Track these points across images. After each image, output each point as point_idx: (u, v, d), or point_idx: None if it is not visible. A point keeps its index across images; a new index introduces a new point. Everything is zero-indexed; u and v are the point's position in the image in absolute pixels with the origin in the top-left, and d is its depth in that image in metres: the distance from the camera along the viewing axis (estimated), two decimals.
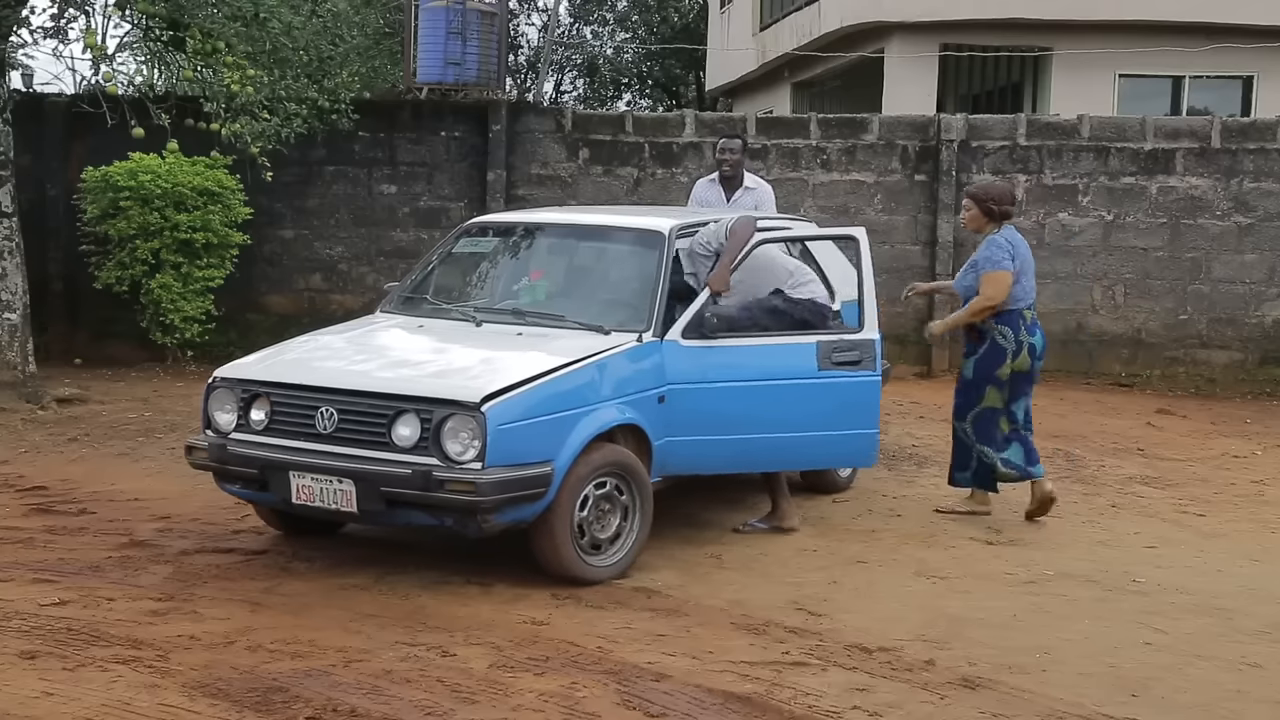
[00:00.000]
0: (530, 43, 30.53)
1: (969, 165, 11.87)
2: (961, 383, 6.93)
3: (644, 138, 12.09)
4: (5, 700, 4.15)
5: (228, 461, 5.55)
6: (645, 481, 5.71)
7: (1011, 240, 6.78)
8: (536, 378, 5.36)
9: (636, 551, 5.70)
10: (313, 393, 5.45)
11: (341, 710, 4.17)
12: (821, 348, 6.12)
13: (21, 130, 9.93)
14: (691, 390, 5.91)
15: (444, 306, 6.44)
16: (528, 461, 5.24)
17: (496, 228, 7.06)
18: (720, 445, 6.04)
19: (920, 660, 4.78)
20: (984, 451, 6.83)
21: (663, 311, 5.96)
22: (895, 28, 16.78)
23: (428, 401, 5.22)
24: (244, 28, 9.85)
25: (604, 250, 6.66)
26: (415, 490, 5.15)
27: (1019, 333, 6.75)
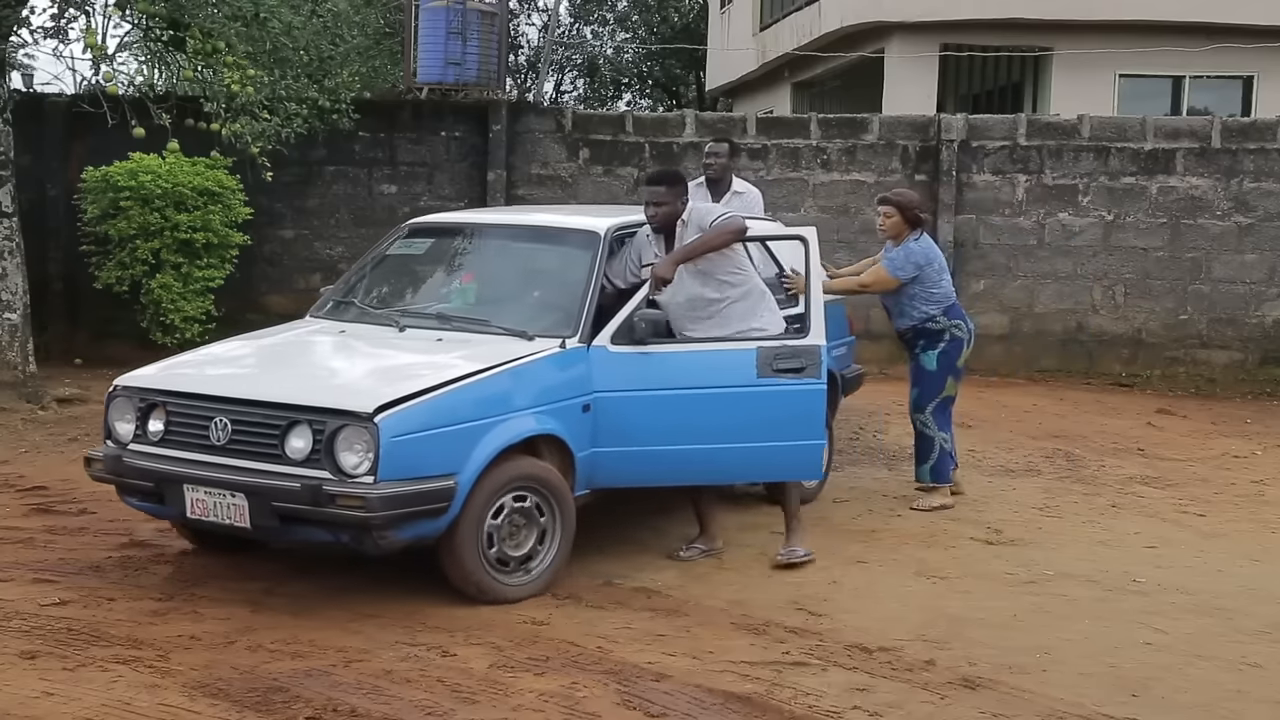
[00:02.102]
0: (530, 43, 30.55)
1: (969, 165, 11.87)
2: (922, 376, 7.07)
3: (644, 138, 12.09)
4: (6, 700, 4.15)
5: (124, 474, 5.32)
6: (565, 496, 5.43)
7: (926, 254, 6.99)
8: (439, 387, 5.10)
9: (556, 569, 5.42)
10: (207, 402, 5.21)
11: (342, 710, 4.17)
12: (761, 354, 5.74)
13: (22, 130, 9.93)
14: (620, 399, 5.62)
15: (370, 311, 6.18)
16: (427, 475, 4.97)
17: (434, 229, 6.81)
18: (652, 457, 5.71)
19: (920, 660, 4.78)
20: (944, 439, 7.05)
21: (591, 316, 5.68)
22: (895, 28, 16.78)
23: (320, 412, 4.97)
24: (244, 28, 9.84)
25: (538, 252, 6.40)
26: (305, 505, 4.89)
27: (968, 322, 7.13)
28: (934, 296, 7.01)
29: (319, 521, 4.96)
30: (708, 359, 5.77)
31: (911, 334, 7.08)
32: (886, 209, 7.09)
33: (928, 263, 6.98)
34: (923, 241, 7.05)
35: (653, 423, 5.66)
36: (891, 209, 7.07)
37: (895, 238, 7.07)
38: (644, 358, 5.68)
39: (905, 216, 7.03)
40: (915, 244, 7.01)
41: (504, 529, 5.26)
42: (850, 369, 7.63)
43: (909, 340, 7.13)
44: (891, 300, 7.12)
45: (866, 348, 11.07)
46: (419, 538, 5.07)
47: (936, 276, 7.02)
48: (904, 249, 7.01)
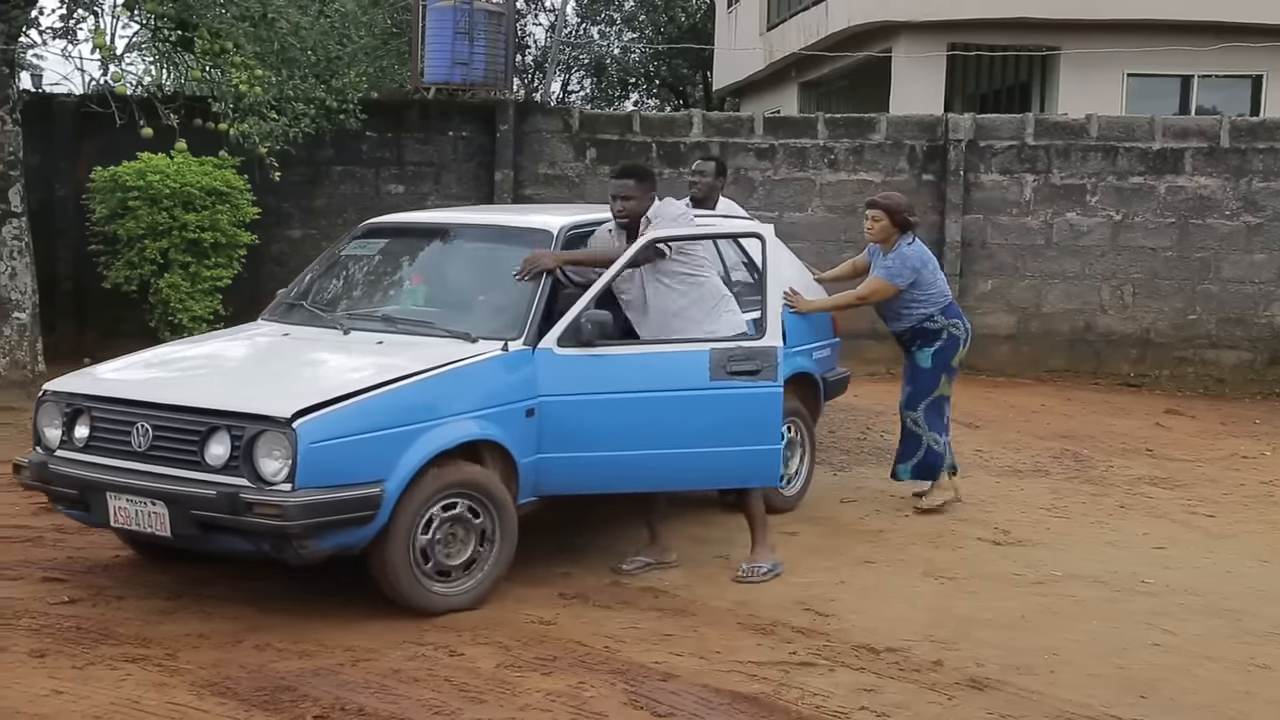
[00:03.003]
0: (537, 42, 30.55)
1: (977, 165, 11.85)
2: (915, 374, 6.98)
3: (651, 137, 12.09)
4: (15, 698, 4.17)
5: (50, 481, 5.19)
6: (505, 503, 5.25)
7: (921, 256, 6.89)
8: (364, 391, 4.93)
9: (495, 578, 5.25)
10: (129, 407, 5.09)
11: (349, 709, 4.18)
12: (715, 357, 5.50)
13: (31, 130, 9.95)
14: (566, 403, 5.43)
15: (318, 313, 6.03)
16: (351, 482, 4.80)
17: (390, 230, 6.66)
18: (600, 463, 5.51)
19: (928, 661, 4.77)
20: (935, 439, 6.95)
21: (539, 318, 5.52)
22: (902, 27, 16.77)
23: (239, 417, 4.82)
24: (252, 28, 9.86)
25: (490, 252, 6.20)
26: (223, 514, 4.74)
27: (964, 320, 7.04)
28: (931, 297, 6.91)
29: (238, 530, 4.80)
30: (658, 361, 5.58)
31: (909, 334, 6.99)
32: (874, 213, 6.94)
33: (923, 265, 6.88)
34: (915, 245, 6.93)
35: (601, 428, 5.48)
36: (880, 213, 6.91)
37: (883, 242, 6.93)
38: (591, 360, 5.48)
39: (894, 220, 6.89)
40: (909, 248, 6.89)
41: (438, 538, 5.08)
42: (834, 371, 7.48)
43: (905, 340, 7.04)
44: (886, 306, 6.99)
45: (872, 348, 11.08)
46: (344, 547, 4.90)
47: (931, 277, 6.93)
48: (898, 255, 6.87)
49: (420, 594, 5.06)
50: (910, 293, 6.87)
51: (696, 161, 7.87)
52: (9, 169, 9.42)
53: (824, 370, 7.25)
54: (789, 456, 6.79)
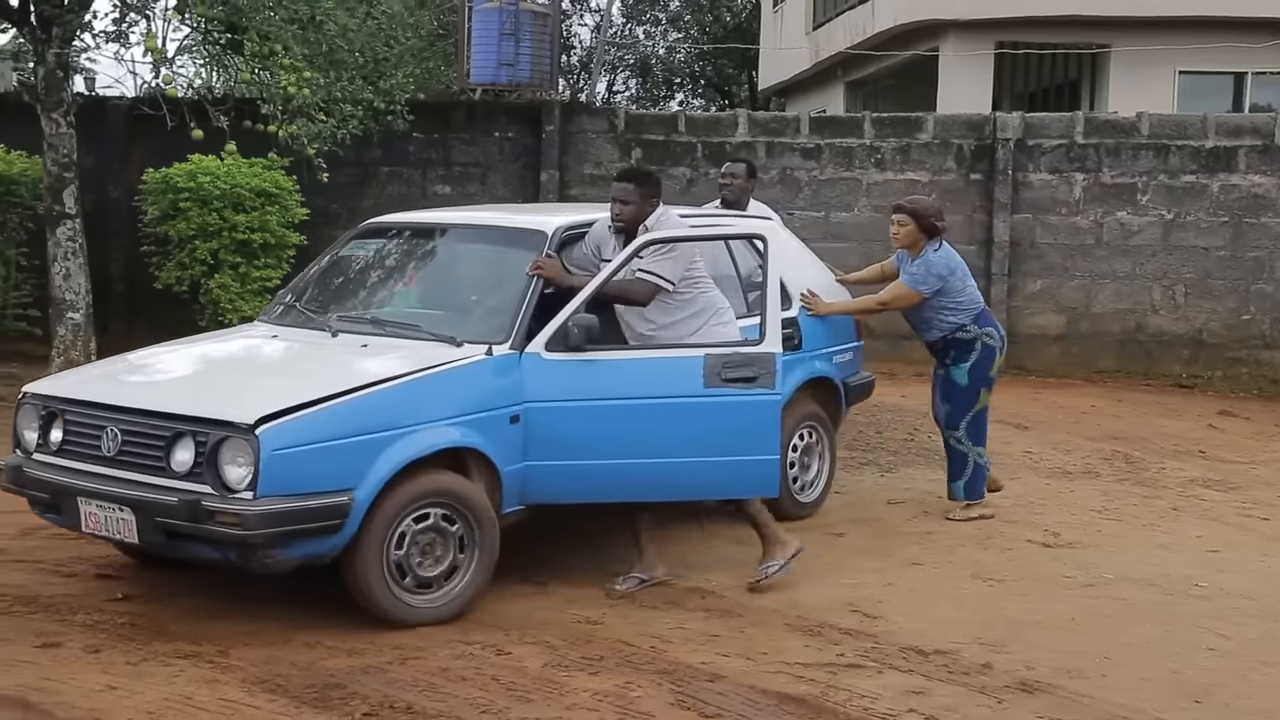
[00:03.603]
0: (583, 43, 30.63)
1: (1025, 164, 11.76)
2: (952, 391, 6.75)
3: (696, 137, 12.08)
4: (70, 693, 4.22)
5: (24, 484, 5.13)
6: (485, 512, 5.07)
7: (948, 263, 6.65)
8: (333, 397, 4.79)
9: (474, 590, 5.08)
10: (100, 411, 5.00)
11: (398, 707, 4.20)
12: (709, 363, 5.30)
13: (85, 133, 10.07)
14: (553, 409, 5.25)
15: (310, 315, 5.88)
16: (317, 491, 4.66)
17: (389, 229, 6.51)
18: (589, 472, 5.30)
19: (977, 663, 4.74)
20: (979, 453, 6.78)
21: (528, 321, 5.35)
22: (950, 26, 16.67)
23: (203, 422, 4.71)
24: (301, 30, 9.93)
25: (483, 253, 6.09)
26: (185, 522, 4.64)
27: (999, 329, 6.84)
28: (961, 305, 6.67)
29: (201, 538, 4.70)
30: (650, 367, 5.39)
31: (941, 345, 6.75)
32: (900, 217, 6.71)
33: (950, 272, 6.63)
34: (943, 251, 6.68)
35: (590, 435, 5.27)
36: (906, 217, 6.69)
37: (910, 247, 6.71)
38: (580, 365, 5.29)
39: (921, 225, 6.65)
40: (935, 254, 6.65)
41: (413, 548, 4.93)
42: (857, 376, 7.24)
43: (939, 351, 6.81)
44: (915, 314, 6.76)
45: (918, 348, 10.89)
46: (312, 557, 4.78)
47: (960, 285, 6.68)
48: (924, 261, 6.64)
49: (394, 605, 4.90)
50: (939, 300, 6.65)
51: (726, 164, 7.77)
52: (63, 171, 9.54)
53: (845, 375, 7.04)
54: (807, 463, 6.70)
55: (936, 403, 6.91)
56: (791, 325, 6.50)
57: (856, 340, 7.22)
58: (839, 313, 6.91)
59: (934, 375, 6.95)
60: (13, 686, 4.25)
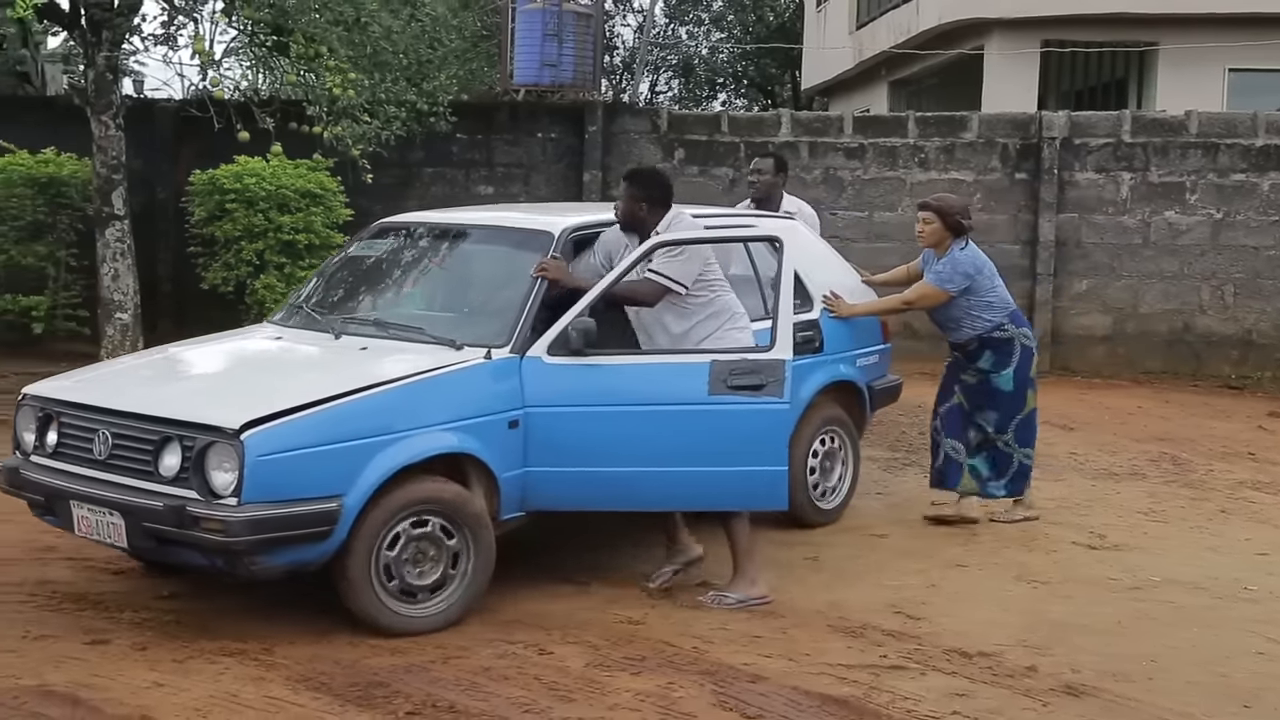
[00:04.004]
0: (626, 44, 30.62)
1: (1071, 163, 11.66)
2: (997, 398, 6.56)
3: (739, 137, 12.06)
4: (118, 689, 4.27)
5: (21, 486, 5.12)
6: (479, 520, 4.97)
7: (975, 262, 6.50)
8: (322, 402, 4.70)
9: (468, 601, 4.97)
10: (92, 414, 4.97)
11: (441, 706, 4.22)
12: (715, 369, 5.10)
13: (133, 135, 10.17)
14: (554, 414, 5.12)
15: (316, 316, 5.81)
16: (304, 497, 4.58)
17: (400, 229, 6.41)
18: (590, 479, 5.17)
19: (1022, 666, 4.70)
20: (1026, 454, 6.65)
21: (530, 324, 5.24)
22: (995, 24, 16.56)
23: (190, 426, 4.66)
24: (345, 32, 9.99)
25: (490, 254, 6.00)
26: (170, 527, 4.58)
27: (1030, 328, 6.72)
28: (993, 305, 6.52)
29: (187, 544, 4.64)
30: (653, 373, 5.23)
31: (976, 344, 6.55)
32: (925, 215, 6.56)
33: (977, 271, 6.48)
34: (969, 250, 6.53)
35: (591, 442, 5.13)
36: (931, 215, 6.53)
37: (935, 246, 6.57)
38: (582, 370, 5.15)
39: (947, 223, 6.50)
40: (961, 253, 6.51)
41: (405, 556, 4.84)
42: (883, 379, 7.05)
43: (971, 352, 6.58)
44: (943, 313, 6.59)
45: None
46: (299, 564, 4.72)
47: (989, 284, 6.53)
48: (950, 260, 6.50)
49: (382, 614, 4.82)
50: (967, 300, 6.49)
51: (755, 160, 7.64)
52: (112, 173, 9.65)
53: (870, 378, 6.87)
54: (828, 468, 6.57)
55: (945, 409, 6.65)
56: (812, 327, 6.40)
57: (883, 343, 7.05)
58: (862, 314, 6.74)
59: (947, 376, 6.71)
60: (63, 683, 4.30)
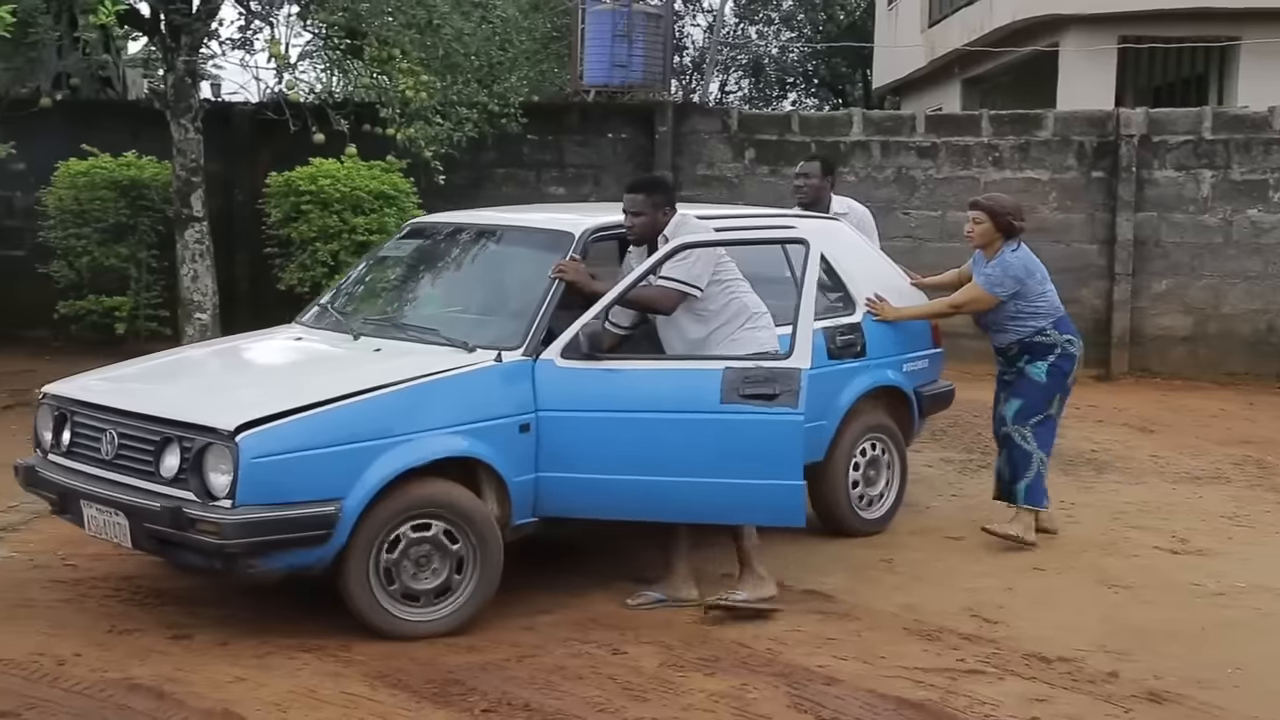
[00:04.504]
0: (696, 44, 30.61)
1: (1150, 161, 11.47)
2: (1029, 388, 6.25)
3: (810, 137, 12.00)
4: (200, 684, 4.33)
5: (37, 484, 5.16)
6: (485, 526, 4.87)
7: (1026, 265, 6.25)
8: (322, 404, 4.65)
9: (473, 607, 4.87)
10: (101, 414, 4.98)
11: (516, 704, 4.23)
12: (728, 377, 4.91)
13: (211, 138, 10.33)
14: (566, 419, 5.00)
15: (338, 317, 5.80)
16: (301, 500, 4.53)
17: (429, 230, 6.36)
18: (601, 487, 5.01)
19: (1103, 672, 4.63)
20: (1043, 459, 6.28)
21: (544, 327, 5.14)
22: (1071, 20, 16.35)
23: (188, 427, 4.63)
24: (418, 35, 10.07)
25: (511, 254, 5.91)
26: (168, 528, 4.57)
27: (1078, 337, 6.39)
28: (1040, 310, 6.25)
29: (184, 546, 4.63)
30: (665, 379, 5.08)
31: (1017, 348, 6.29)
32: (976, 214, 6.30)
33: (1028, 275, 6.23)
34: (1020, 252, 6.27)
35: (601, 448, 5.00)
36: (981, 214, 6.27)
37: (985, 247, 6.31)
38: (595, 374, 5.03)
39: (997, 224, 6.25)
40: (1012, 255, 6.25)
41: (408, 561, 4.78)
42: (933, 385, 6.78)
43: (1012, 356, 6.33)
44: (989, 316, 6.33)
45: None
46: (299, 567, 4.68)
47: (1039, 289, 6.26)
48: (1000, 262, 6.24)
49: (383, 618, 4.76)
50: (1015, 304, 6.24)
51: (800, 164, 7.37)
52: (191, 175, 9.80)
53: (918, 384, 6.63)
54: (872, 477, 6.39)
55: (997, 413, 6.40)
56: (854, 331, 6.26)
57: (934, 347, 6.79)
58: (908, 318, 6.52)
59: (998, 382, 6.46)
60: (148, 677, 4.37)
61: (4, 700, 4.14)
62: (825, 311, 6.10)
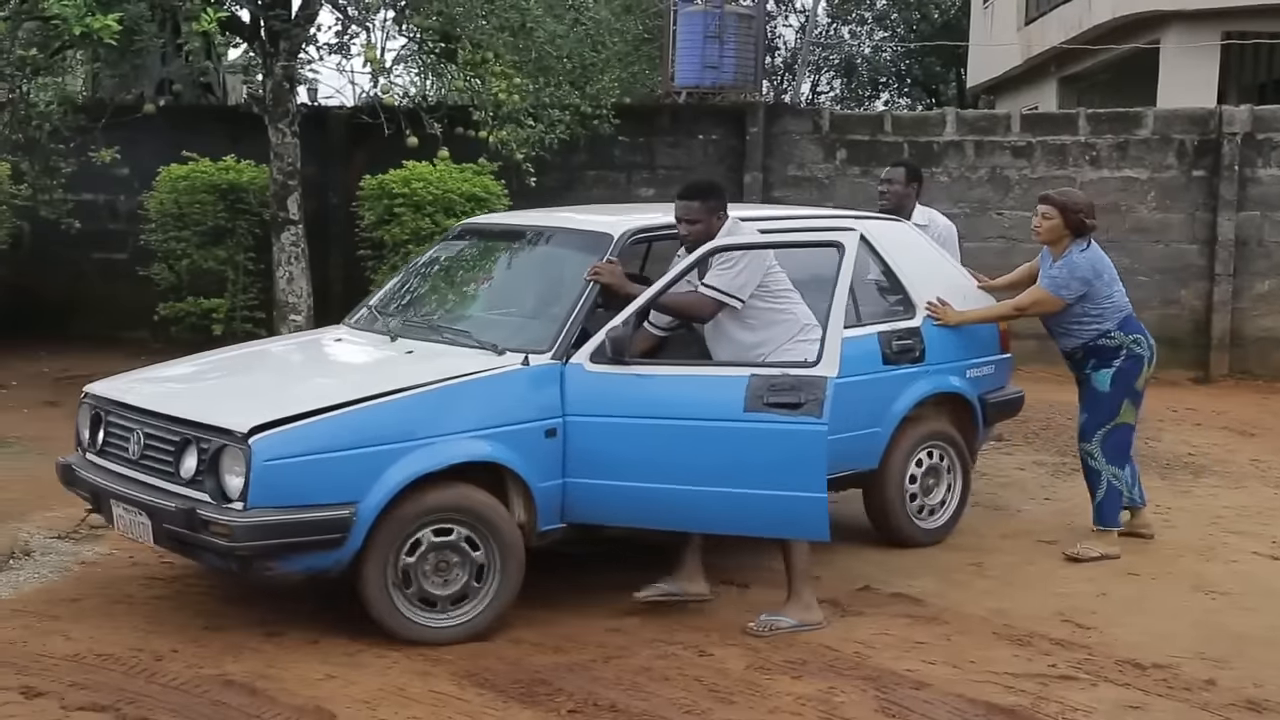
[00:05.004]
0: (787, 44, 30.49)
1: (1254, 159, 11.20)
2: (1093, 398, 6.06)
3: (903, 137, 11.89)
4: (292, 680, 4.41)
5: (72, 483, 5.21)
6: (508, 532, 4.81)
7: (1095, 266, 6.00)
8: (341, 405, 4.61)
9: (493, 613, 4.80)
10: (131, 413, 5.00)
11: (602, 704, 4.25)
12: (753, 384, 4.75)
13: (306, 142, 10.49)
14: (593, 425, 4.91)
15: (381, 318, 5.76)
16: (316, 503, 4.50)
17: (478, 231, 6.33)
18: (625, 495, 4.92)
19: (1200, 679, 4.54)
20: (1115, 474, 6.07)
21: (576, 330, 5.05)
22: (1173, 16, 16.02)
23: (206, 429, 4.63)
24: (511, 38, 10.15)
25: (551, 255, 5.82)
26: (183, 529, 4.57)
27: (1147, 337, 6.12)
28: (1106, 311, 6.02)
29: (202, 547, 4.63)
30: (690, 385, 4.93)
31: (1081, 353, 6.08)
32: (1045, 209, 6.08)
33: (1096, 276, 5.98)
34: (1089, 252, 6.03)
35: (625, 455, 4.90)
36: (1052, 209, 6.05)
37: (1053, 244, 6.09)
38: (623, 380, 4.92)
39: (1067, 221, 6.01)
40: (1080, 256, 6.00)
41: (426, 564, 4.72)
42: (1000, 391, 6.51)
43: (1078, 361, 6.13)
44: (1054, 319, 6.14)
45: None
46: (316, 570, 4.70)
47: (1106, 290, 6.01)
48: (1066, 263, 6.01)
49: (401, 622, 4.72)
50: (1081, 306, 6.02)
51: (886, 170, 7.22)
52: (288, 179, 9.98)
53: (983, 390, 6.37)
54: (930, 485, 6.18)
55: (1078, 416, 6.22)
56: (912, 335, 6.04)
57: (1002, 352, 6.52)
58: (971, 322, 6.25)
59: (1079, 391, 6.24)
60: (241, 673, 4.46)
61: (103, 694, 4.25)
62: (883, 315, 6.03)
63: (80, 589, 5.32)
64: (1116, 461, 6.09)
